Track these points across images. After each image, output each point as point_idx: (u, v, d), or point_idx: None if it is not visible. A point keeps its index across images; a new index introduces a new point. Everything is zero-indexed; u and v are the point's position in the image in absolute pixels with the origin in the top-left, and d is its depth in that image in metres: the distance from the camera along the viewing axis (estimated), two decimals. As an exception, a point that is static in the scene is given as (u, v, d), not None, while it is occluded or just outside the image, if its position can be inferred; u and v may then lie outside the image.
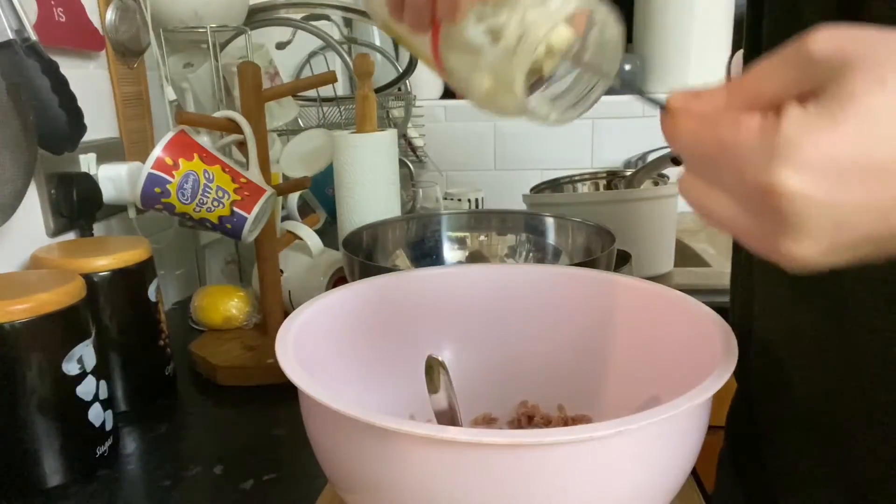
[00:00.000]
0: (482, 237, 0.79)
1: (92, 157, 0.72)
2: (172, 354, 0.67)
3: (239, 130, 0.67)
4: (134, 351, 0.62)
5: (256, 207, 0.64)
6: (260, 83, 0.67)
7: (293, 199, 1.00)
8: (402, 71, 1.21)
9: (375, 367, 0.49)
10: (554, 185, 1.09)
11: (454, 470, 0.30)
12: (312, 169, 0.91)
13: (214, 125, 0.69)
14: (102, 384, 0.54)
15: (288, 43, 1.11)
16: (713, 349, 0.37)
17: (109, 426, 0.55)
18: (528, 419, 0.51)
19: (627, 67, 1.49)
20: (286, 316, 0.42)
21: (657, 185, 1.02)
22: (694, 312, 0.42)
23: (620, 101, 1.48)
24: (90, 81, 0.75)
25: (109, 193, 0.73)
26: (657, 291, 0.46)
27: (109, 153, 0.76)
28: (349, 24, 1.31)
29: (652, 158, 1.26)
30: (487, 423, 0.51)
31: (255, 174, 0.66)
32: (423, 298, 0.52)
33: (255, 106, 0.67)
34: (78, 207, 0.68)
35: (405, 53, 1.30)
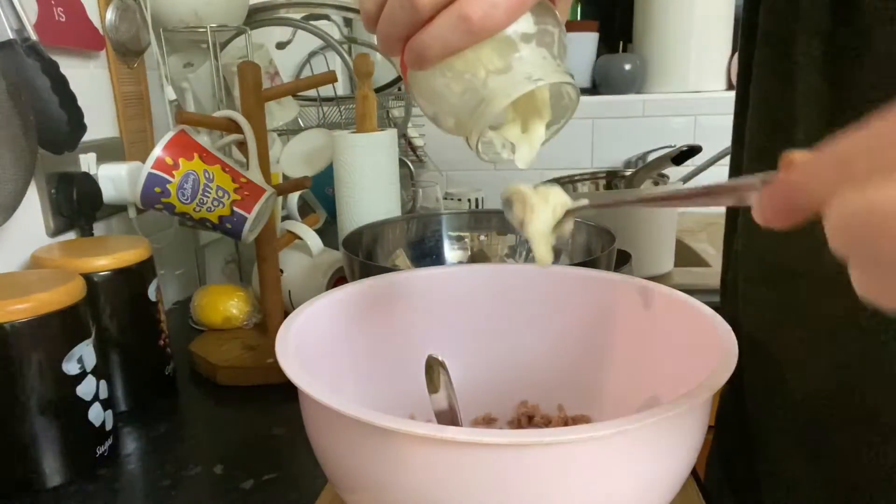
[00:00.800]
0: (482, 237, 0.79)
1: (92, 156, 0.72)
2: (172, 354, 0.67)
3: (239, 130, 0.67)
4: (134, 351, 0.62)
5: (257, 207, 0.64)
6: (260, 83, 0.67)
7: (293, 198, 1.00)
8: (402, 71, 1.21)
9: (375, 367, 0.49)
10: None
11: (454, 470, 0.30)
12: (312, 169, 0.91)
13: (214, 125, 0.68)
14: (102, 384, 0.54)
15: (288, 43, 1.11)
16: (713, 349, 0.37)
17: (109, 426, 0.55)
18: (528, 419, 0.51)
19: (627, 67, 1.49)
20: (286, 316, 0.42)
21: (657, 185, 1.01)
22: (694, 312, 0.42)
23: (621, 101, 1.48)
24: (90, 81, 0.75)
25: (109, 193, 0.73)
26: (657, 291, 0.46)
27: (109, 153, 0.76)
28: (349, 23, 1.31)
29: (652, 158, 1.26)
30: (487, 423, 0.51)
31: (255, 174, 0.66)
32: (423, 298, 0.52)
33: (255, 106, 0.67)
34: (78, 207, 0.68)
35: (405, 53, 1.30)
